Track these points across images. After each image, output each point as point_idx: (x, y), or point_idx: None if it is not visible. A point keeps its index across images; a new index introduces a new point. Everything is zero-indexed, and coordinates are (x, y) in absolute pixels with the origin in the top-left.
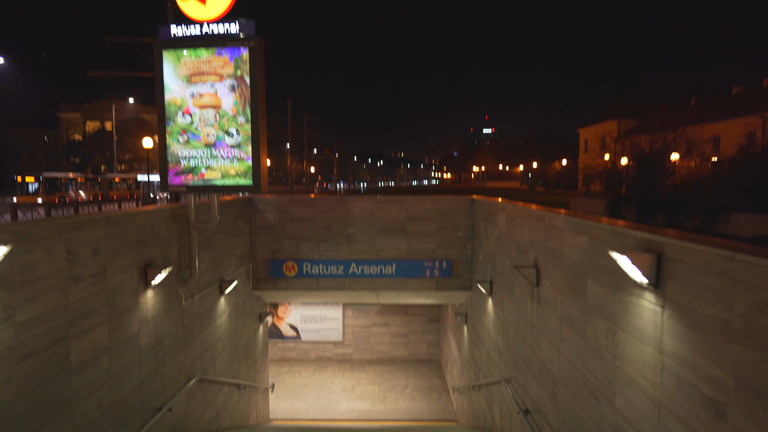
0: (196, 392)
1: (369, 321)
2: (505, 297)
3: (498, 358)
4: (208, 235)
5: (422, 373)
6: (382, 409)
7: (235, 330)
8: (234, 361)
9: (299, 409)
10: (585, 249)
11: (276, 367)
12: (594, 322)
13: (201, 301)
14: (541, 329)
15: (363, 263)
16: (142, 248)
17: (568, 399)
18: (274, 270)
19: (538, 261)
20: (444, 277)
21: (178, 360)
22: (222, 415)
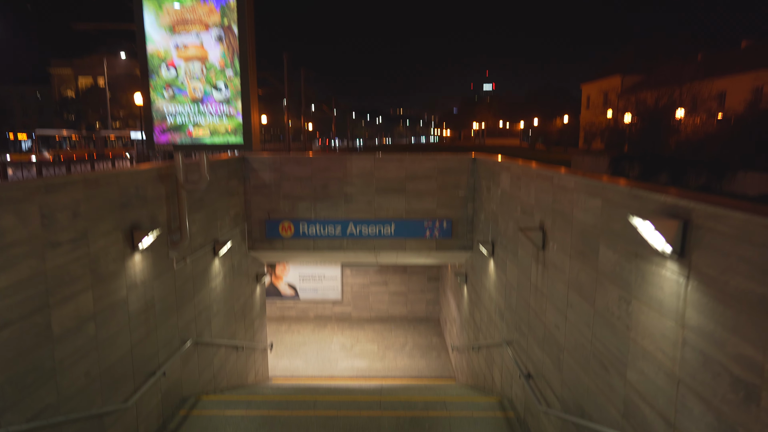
0: (192, 355)
1: (368, 280)
2: (508, 259)
3: (499, 320)
4: (199, 196)
5: (421, 332)
6: (381, 367)
7: (231, 291)
8: (230, 323)
9: (298, 367)
10: (598, 212)
11: (275, 326)
12: (606, 289)
13: (194, 264)
14: (546, 294)
15: (361, 223)
16: (127, 210)
17: (574, 367)
18: (269, 230)
19: (544, 223)
20: (444, 237)
21: (171, 324)
22: (220, 376)
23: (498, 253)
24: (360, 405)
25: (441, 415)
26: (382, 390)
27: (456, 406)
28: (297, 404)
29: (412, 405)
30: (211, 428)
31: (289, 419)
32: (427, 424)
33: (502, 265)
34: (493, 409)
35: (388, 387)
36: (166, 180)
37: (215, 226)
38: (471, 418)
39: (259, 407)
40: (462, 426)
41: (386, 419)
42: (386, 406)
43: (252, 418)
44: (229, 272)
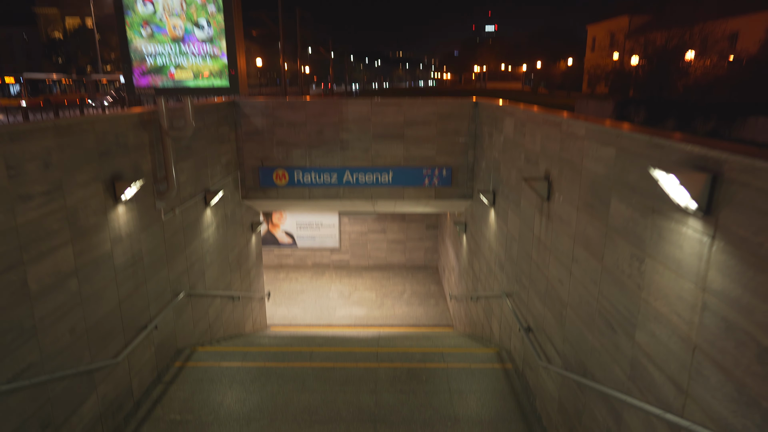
0: (185, 307)
1: (366, 228)
2: (510, 209)
3: (499, 271)
4: (186, 143)
5: (419, 279)
6: (379, 315)
7: (225, 241)
8: (225, 273)
9: (296, 315)
10: (611, 162)
11: (272, 274)
12: (616, 245)
13: (184, 215)
14: (549, 247)
15: (358, 171)
16: (107, 160)
17: (577, 323)
18: (263, 179)
19: (550, 173)
20: (443, 185)
21: (162, 276)
22: (216, 326)
23: (499, 203)
24: (357, 356)
25: (438, 367)
26: (380, 340)
27: (454, 357)
28: (293, 355)
29: (409, 356)
30: (206, 380)
31: (285, 371)
32: (424, 375)
33: (504, 215)
34: (491, 360)
35: (386, 336)
36: (149, 127)
37: (205, 174)
38: (468, 369)
39: (255, 359)
40: (460, 377)
41: (383, 371)
42: (383, 358)
43: (248, 370)
44: (222, 222)
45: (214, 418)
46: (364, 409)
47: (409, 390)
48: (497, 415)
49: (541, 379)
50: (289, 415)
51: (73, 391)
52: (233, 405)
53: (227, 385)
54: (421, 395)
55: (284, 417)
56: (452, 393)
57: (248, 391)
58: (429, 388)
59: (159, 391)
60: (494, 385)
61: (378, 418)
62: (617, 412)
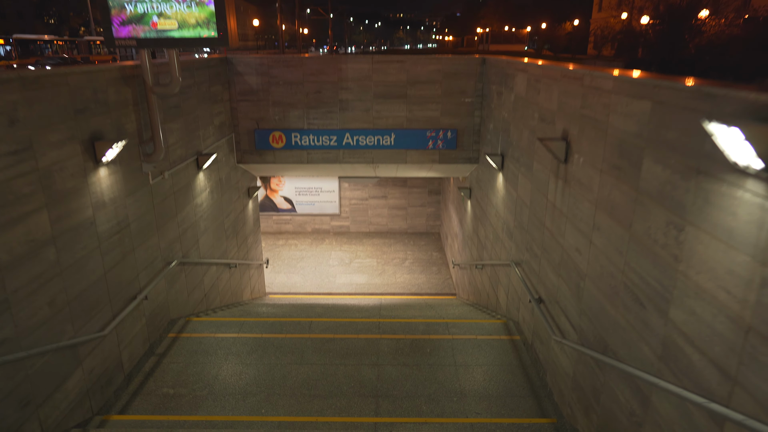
0: (178, 276)
1: (367, 193)
2: (521, 173)
3: (507, 239)
4: (175, 102)
5: (421, 246)
6: (380, 283)
7: (220, 207)
8: (221, 240)
9: (296, 282)
10: (645, 117)
11: (272, 241)
12: (648, 212)
13: (174, 178)
14: (566, 214)
15: (358, 133)
16: (85, 117)
17: (597, 297)
18: (259, 141)
19: (568, 132)
20: (448, 148)
21: (152, 244)
22: (212, 295)
23: (508, 167)
24: (358, 327)
25: (443, 338)
26: (381, 309)
27: (459, 328)
28: (292, 326)
29: (412, 327)
30: (201, 351)
31: (283, 342)
32: (428, 348)
33: (513, 179)
34: (498, 332)
35: (388, 305)
36: (132, 83)
37: (197, 136)
38: (475, 341)
39: (252, 329)
40: (465, 350)
41: (385, 342)
42: (385, 329)
43: (244, 341)
44: (216, 187)
45: (209, 392)
46: (366, 383)
47: (412, 363)
48: (505, 390)
49: (553, 353)
50: (287, 389)
51: (55, 367)
52: (229, 378)
53: (222, 357)
54: (425, 368)
55: (282, 391)
56: (458, 366)
57: (244, 364)
58: (433, 361)
59: (151, 363)
60: (502, 358)
61: (380, 392)
62: (644, 395)
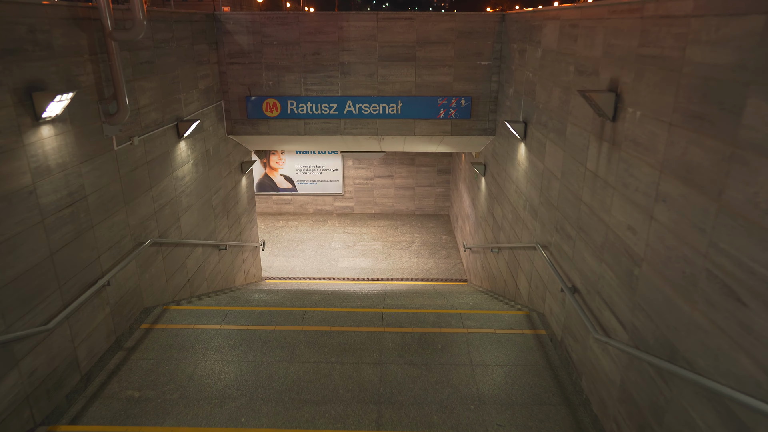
0: (154, 258)
1: (371, 172)
2: (549, 141)
3: (530, 218)
4: (148, 57)
5: (429, 229)
6: (386, 267)
7: (207, 182)
8: (208, 219)
9: (295, 266)
10: (753, 40)
11: (271, 222)
12: (754, 172)
13: (148, 146)
14: (613, 184)
15: (361, 101)
16: (17, 61)
17: (661, 287)
18: (251, 110)
19: (618, 81)
20: (461, 118)
21: (118, 221)
22: (197, 280)
23: (533, 135)
24: (358, 318)
25: (457, 332)
26: (386, 297)
27: (474, 320)
28: (283, 317)
29: (421, 319)
30: (176, 346)
31: (272, 336)
32: (439, 343)
33: (539, 148)
34: (519, 325)
35: (393, 292)
36: (87, 27)
37: (177, 100)
38: (493, 335)
39: (237, 320)
40: (483, 346)
41: (390, 336)
42: (390, 321)
43: (227, 334)
44: (202, 159)
45: (181, 395)
46: (366, 386)
47: (421, 362)
48: (532, 396)
49: (591, 353)
50: (273, 393)
51: None
52: (205, 378)
53: (200, 353)
54: (436, 368)
55: (267, 395)
56: (474, 366)
57: (225, 361)
58: (446, 360)
59: (117, 360)
60: (526, 357)
61: (383, 397)
62: (742, 425)
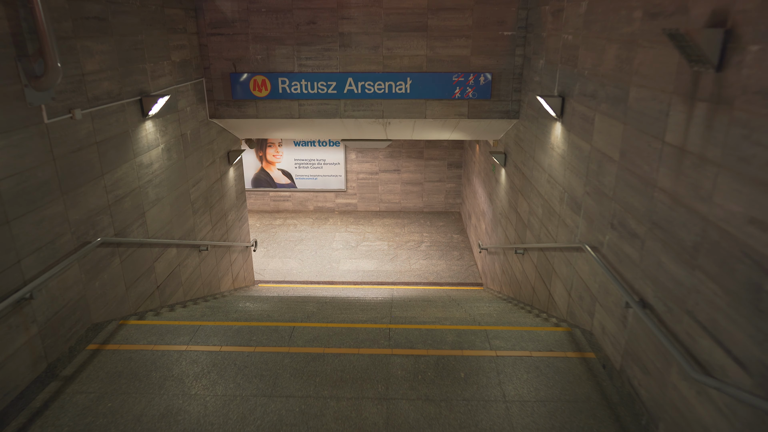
0: (108, 261)
1: (376, 166)
2: (599, 113)
3: (570, 213)
4: (98, 12)
5: (439, 227)
6: (392, 270)
7: (184, 172)
8: (185, 215)
9: (292, 269)
10: None
11: (267, 220)
12: None
13: (98, 123)
14: (717, 159)
15: (364, 78)
16: None
17: None
18: (237, 89)
19: (729, 12)
20: (480, 98)
21: (50, 215)
22: (169, 287)
23: (574, 110)
24: (359, 337)
25: (483, 355)
26: (393, 306)
27: (504, 339)
28: (266, 334)
29: (437, 337)
30: (127, 374)
31: (249, 360)
32: (462, 371)
33: (584, 126)
34: (561, 345)
35: (401, 299)
36: None
37: (141, 71)
38: (530, 360)
39: (209, 339)
40: (517, 374)
41: (398, 362)
42: (398, 340)
43: (194, 357)
44: (177, 145)
45: None
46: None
47: (439, 397)
48: None
49: (675, 395)
50: None
51: None
52: (158, 422)
53: (157, 385)
54: (459, 406)
55: None
56: (509, 403)
57: (187, 396)
58: (471, 394)
59: (47, 395)
60: (574, 390)
61: None
62: None
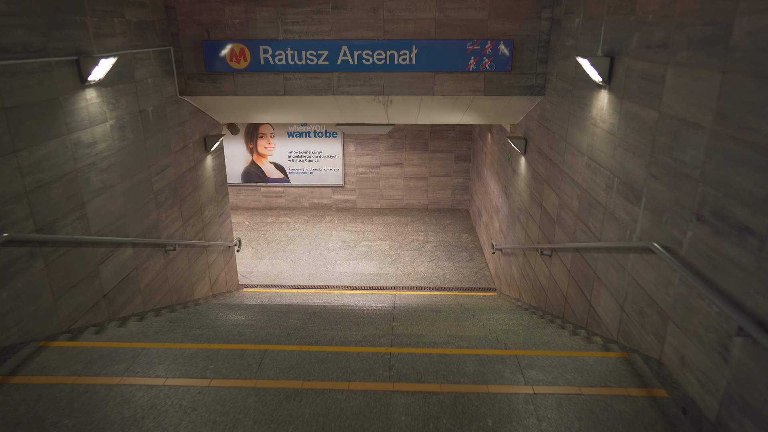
0: (23, 265)
1: (377, 159)
2: (673, 67)
3: (624, 202)
4: None
5: (446, 226)
6: (394, 273)
7: (144, 156)
8: (146, 208)
9: (282, 271)
10: None
11: (258, 218)
12: None
13: (10, 82)
14: None
15: (361, 46)
16: None
17: None
18: (211, 59)
19: None
20: (499, 70)
21: None
22: (123, 295)
23: (629, 70)
24: (350, 365)
25: (515, 393)
26: (395, 319)
27: (541, 369)
28: (228, 361)
29: (453, 367)
30: (27, 422)
31: (200, 400)
32: (489, 416)
33: (647, 89)
34: (617, 378)
35: (404, 308)
36: None
37: (78, 24)
38: (578, 399)
39: (151, 368)
40: (566, 421)
41: (402, 402)
42: (402, 370)
43: (125, 396)
44: (133, 122)
45: None
46: None
47: None
48: None
49: None
50: None
51: None
52: None
53: None
54: None
55: None
56: None
57: None
58: None
59: None
60: None
61: None
62: None
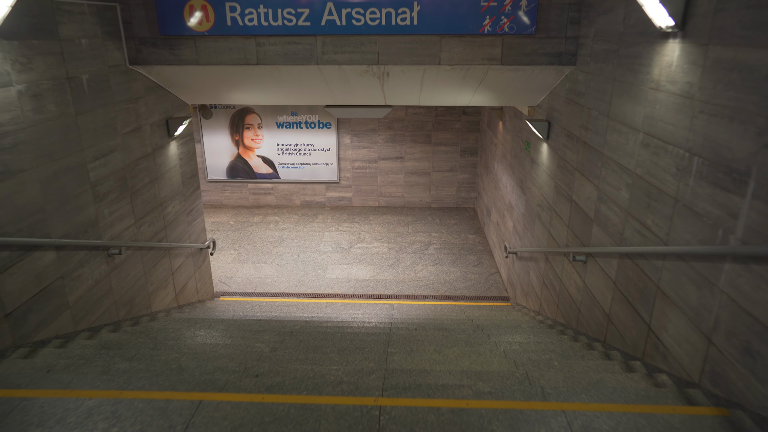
0: None
1: (375, 153)
2: None
3: (712, 189)
4: None
5: (451, 226)
6: (393, 279)
7: (76, 135)
8: (79, 201)
9: (267, 276)
10: None
11: (245, 217)
12: None
13: None
14: None
15: (350, 3)
16: None
17: None
18: (167, 19)
19: None
20: (520, 33)
21: None
22: (38, 312)
23: (721, 3)
24: (319, 427)
25: None
26: (390, 341)
27: None
28: (139, 422)
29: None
30: None
31: None
32: None
33: (761, 23)
34: None
35: (402, 327)
36: None
37: None
38: None
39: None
40: None
41: None
42: None
43: None
44: (57, 91)
45: None
46: None
47: None
48: None
49: None
50: None
51: None
52: None
53: None
54: None
55: None
56: None
57: None
58: None
59: None
60: None
61: None
62: None
